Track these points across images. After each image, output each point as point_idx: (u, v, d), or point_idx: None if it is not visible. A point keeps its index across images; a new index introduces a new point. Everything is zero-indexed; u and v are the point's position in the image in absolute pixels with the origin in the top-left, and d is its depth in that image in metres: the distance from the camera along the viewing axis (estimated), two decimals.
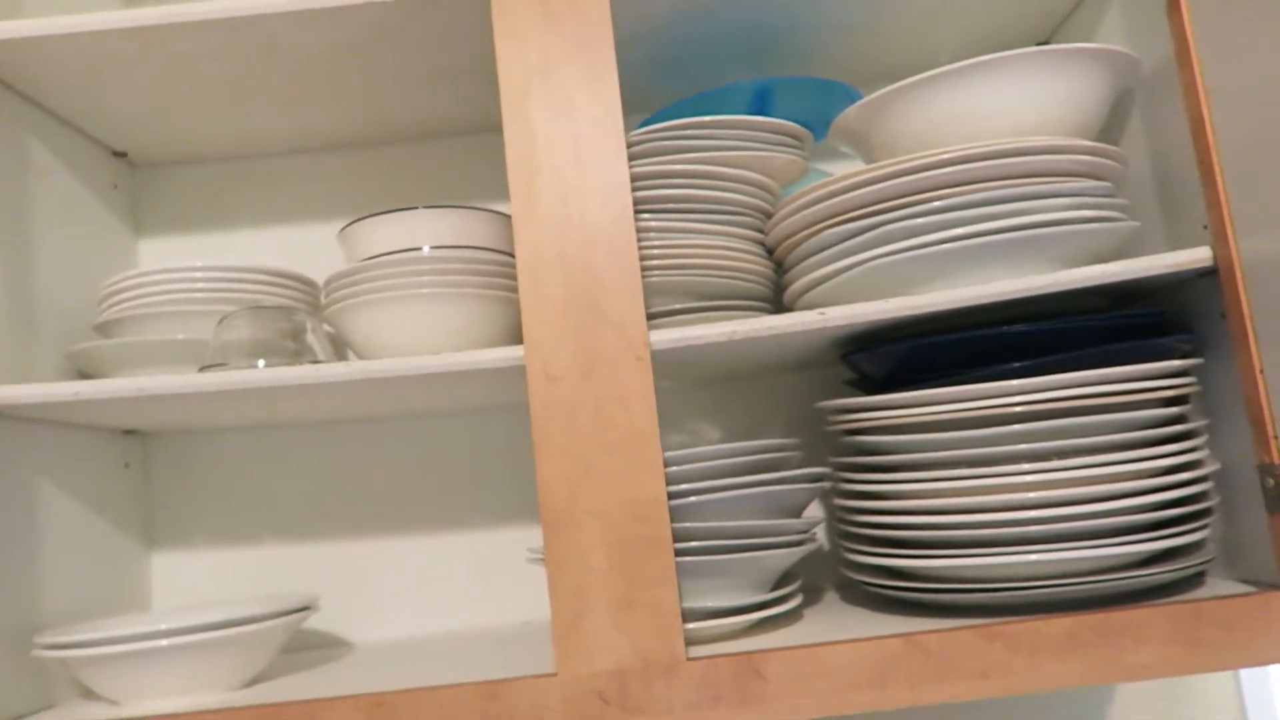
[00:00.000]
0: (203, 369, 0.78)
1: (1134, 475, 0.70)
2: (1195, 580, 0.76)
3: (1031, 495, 0.70)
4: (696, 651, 0.70)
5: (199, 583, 1.01)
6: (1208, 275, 0.74)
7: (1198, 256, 0.72)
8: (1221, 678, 1.00)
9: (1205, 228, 0.73)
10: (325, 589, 1.01)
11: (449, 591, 1.01)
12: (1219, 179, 0.71)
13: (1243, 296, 0.70)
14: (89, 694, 0.84)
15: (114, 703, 0.78)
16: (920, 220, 0.73)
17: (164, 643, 0.74)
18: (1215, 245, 0.72)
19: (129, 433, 1.00)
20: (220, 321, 0.82)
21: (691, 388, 1.03)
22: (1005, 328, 0.73)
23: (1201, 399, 0.78)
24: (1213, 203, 0.72)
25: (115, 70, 0.85)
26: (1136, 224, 0.74)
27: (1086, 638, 0.67)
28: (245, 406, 0.85)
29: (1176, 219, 0.78)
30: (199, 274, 0.88)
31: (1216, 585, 0.73)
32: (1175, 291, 0.80)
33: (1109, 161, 0.75)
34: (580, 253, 0.72)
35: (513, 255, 0.84)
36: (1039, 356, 0.72)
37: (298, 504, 1.02)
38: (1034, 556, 0.69)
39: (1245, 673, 1.00)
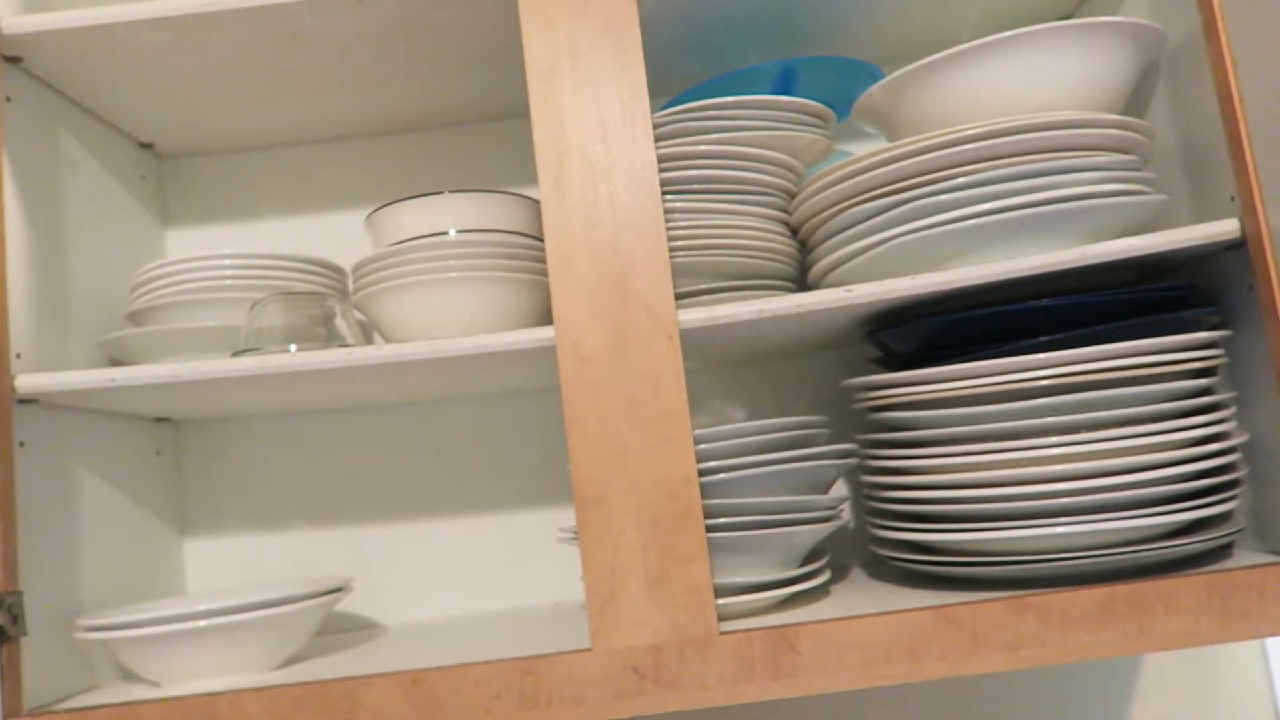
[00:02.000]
0: (235, 354, 0.79)
1: (1162, 447, 0.70)
2: (1223, 551, 0.76)
3: (1059, 468, 0.70)
4: (729, 626, 0.71)
5: (231, 568, 1.03)
6: (1235, 248, 0.74)
7: (1225, 229, 0.72)
8: (1248, 648, 1.00)
9: (1233, 200, 0.73)
10: (357, 572, 1.02)
11: (480, 573, 1.02)
12: (1247, 151, 0.71)
13: (1271, 268, 0.70)
14: (131, 676, 0.85)
15: (155, 684, 0.79)
16: (945, 197, 0.73)
17: (203, 624, 0.75)
18: (1243, 217, 0.72)
19: (160, 420, 1.01)
20: (252, 308, 0.83)
21: (717, 369, 1.03)
22: (1031, 303, 0.73)
23: (1229, 371, 0.78)
24: (1240, 175, 0.72)
25: (142, 62, 0.86)
26: (1164, 197, 0.74)
27: (1118, 608, 0.67)
28: (277, 392, 0.87)
29: (1204, 192, 0.78)
30: (228, 262, 0.89)
31: (1244, 556, 0.73)
32: (1203, 265, 0.80)
33: (1135, 135, 0.75)
34: (609, 234, 0.73)
35: (539, 239, 0.85)
36: (1066, 331, 0.72)
37: (328, 489, 1.04)
38: (1063, 529, 0.70)
39: (1271, 641, 1.01)
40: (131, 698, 0.75)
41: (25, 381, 0.76)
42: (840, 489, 1.01)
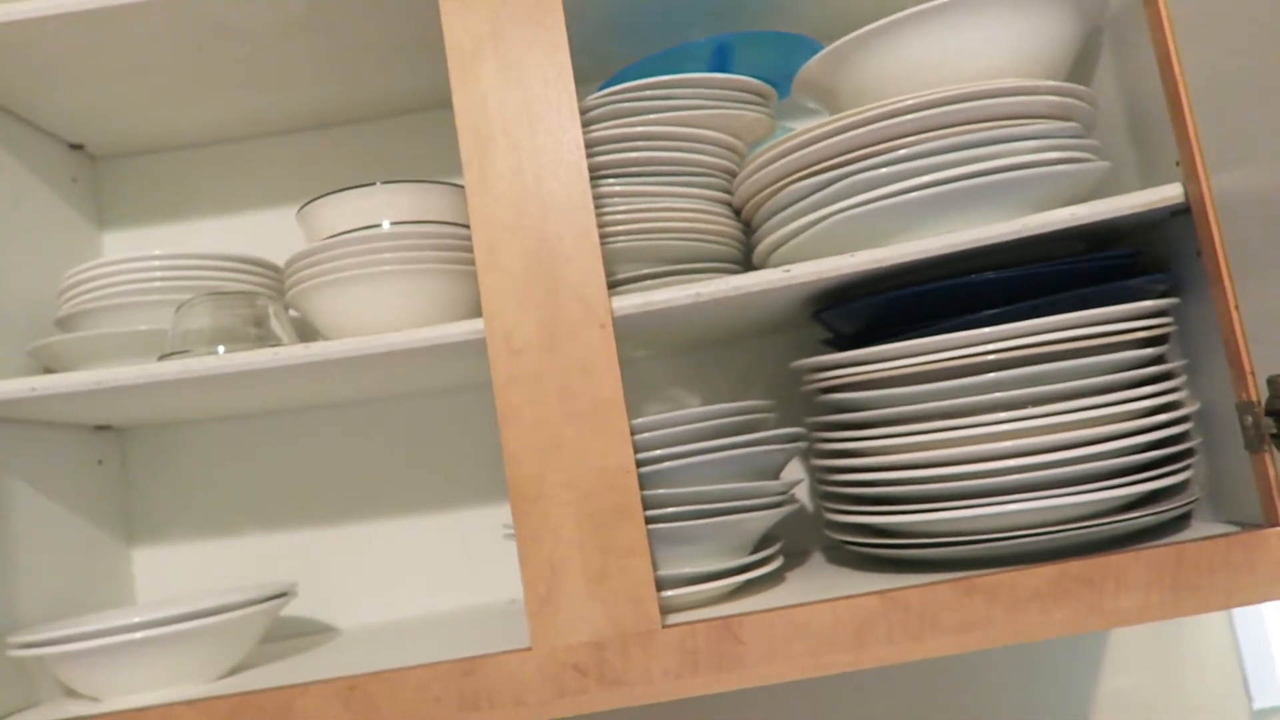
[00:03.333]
0: (162, 358, 0.77)
1: (1113, 419, 0.69)
2: (1181, 523, 0.74)
3: (1008, 444, 0.68)
4: (675, 619, 0.69)
5: (182, 576, 1.00)
6: (1182, 214, 0.72)
7: (1168, 194, 0.70)
8: (1216, 622, 0.99)
9: (1177, 164, 0.71)
10: (308, 576, 1.00)
11: (432, 572, 1.00)
12: (1188, 115, 0.70)
13: (1215, 233, 0.68)
14: (73, 693, 0.83)
15: (95, 699, 0.77)
16: (884, 170, 0.71)
17: (138, 635, 0.73)
18: (1187, 182, 0.70)
19: (101, 429, 0.99)
20: (179, 309, 0.80)
21: (669, 356, 1.02)
22: (974, 276, 0.72)
23: (1180, 339, 0.76)
24: (1182, 139, 0.70)
25: (62, 60, 0.83)
26: (1107, 164, 0.73)
27: (1068, 586, 0.66)
28: (211, 394, 0.84)
29: (1150, 159, 0.76)
30: (157, 262, 0.86)
31: (1202, 527, 0.72)
32: (1151, 232, 0.78)
33: (1077, 102, 0.73)
34: (537, 221, 0.70)
35: None
36: (1013, 304, 0.71)
37: (276, 493, 1.01)
38: (1014, 506, 0.68)
39: (1239, 615, 1.00)
40: (66, 714, 0.73)
41: None
42: (797, 473, 1.00)
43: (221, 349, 0.77)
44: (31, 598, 0.83)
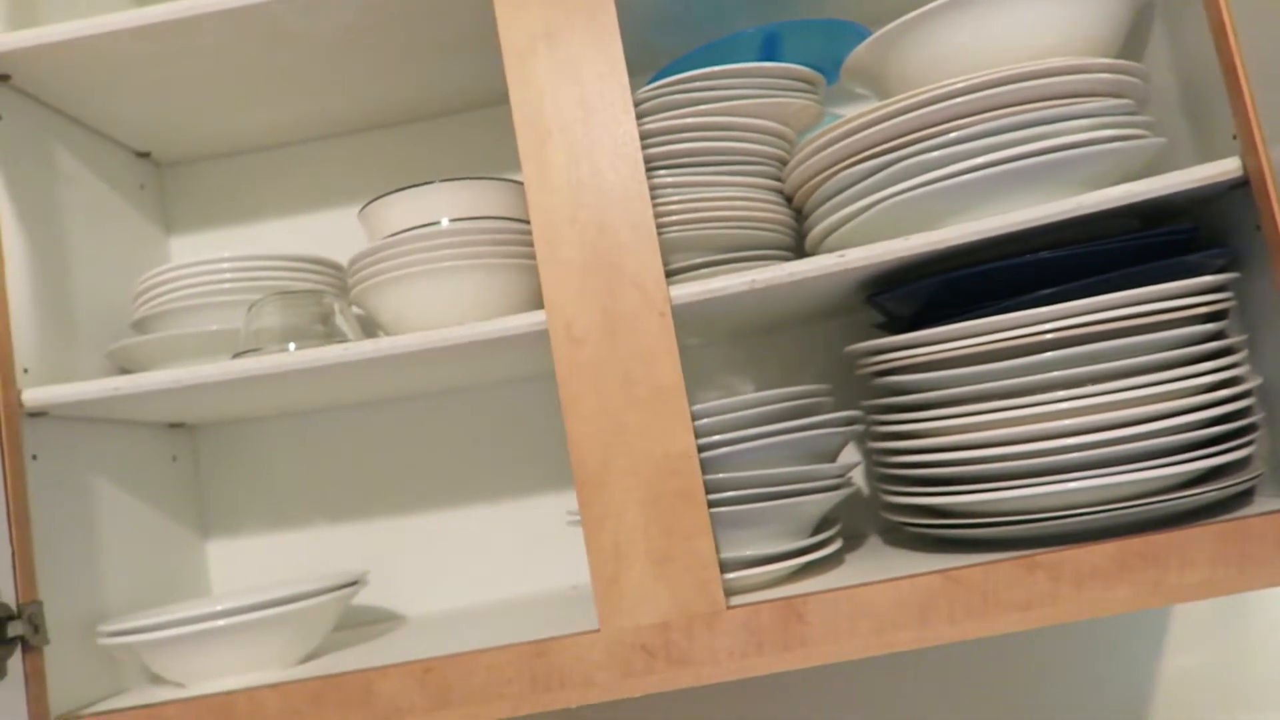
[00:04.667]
0: (236, 356, 0.80)
1: (1174, 395, 0.69)
2: (1244, 499, 0.74)
3: (1068, 423, 0.68)
4: (740, 600, 0.71)
5: (254, 567, 1.04)
6: (1239, 187, 0.72)
7: (1226, 168, 0.70)
8: (1279, 599, 0.98)
9: (1234, 138, 0.71)
10: (376, 566, 1.03)
11: (497, 561, 1.02)
12: (1244, 86, 0.69)
13: (1275, 206, 0.68)
14: (158, 679, 0.87)
15: (180, 685, 0.81)
16: (937, 154, 0.71)
17: (221, 623, 0.76)
18: (1245, 155, 0.70)
19: (175, 426, 1.02)
20: (250, 309, 0.83)
21: (723, 343, 1.03)
22: (1030, 256, 0.72)
23: (1240, 314, 0.76)
24: (1239, 112, 0.70)
25: (128, 71, 0.87)
26: (1162, 140, 0.72)
27: (1131, 563, 0.66)
28: (281, 391, 0.87)
29: (1206, 133, 0.75)
30: (226, 265, 0.89)
31: (1265, 503, 0.71)
32: (1208, 207, 0.78)
33: (1130, 78, 0.73)
34: (594, 213, 0.72)
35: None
36: (1069, 283, 0.71)
37: (342, 486, 1.04)
38: (1074, 485, 0.68)
39: None
40: (154, 699, 0.76)
41: (32, 395, 0.78)
42: (853, 457, 1.00)
43: (292, 346, 0.79)
44: (116, 589, 0.87)
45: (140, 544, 0.92)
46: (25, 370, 0.79)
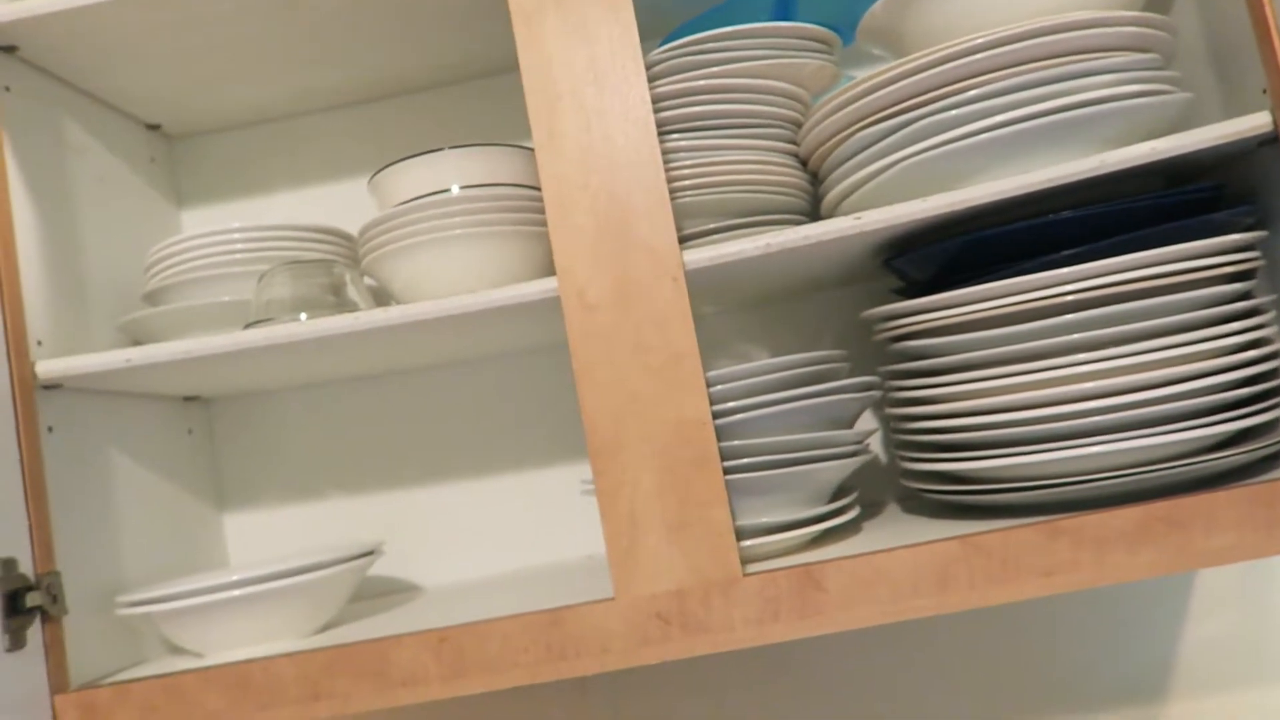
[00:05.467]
0: (248, 326, 0.79)
1: (1200, 356, 0.67)
2: (1271, 462, 0.73)
3: (1091, 385, 0.67)
4: (757, 568, 0.70)
5: (271, 539, 1.04)
6: (1269, 143, 0.70)
7: (1256, 123, 0.68)
8: None
9: (1265, 92, 0.69)
10: (392, 536, 1.03)
11: (512, 531, 1.02)
12: (1276, 39, 0.67)
13: None
14: (177, 649, 0.87)
15: (198, 655, 0.81)
16: (956, 112, 0.70)
17: (237, 593, 0.76)
18: (1276, 110, 0.68)
19: (190, 399, 1.02)
20: (261, 279, 0.82)
21: (737, 311, 1.02)
22: (1051, 216, 0.70)
23: (1269, 274, 0.74)
24: (1270, 65, 0.68)
25: (136, 41, 0.86)
26: (1189, 95, 0.70)
27: (1155, 528, 0.65)
28: (293, 361, 0.87)
29: (1235, 88, 0.73)
30: (237, 235, 0.88)
31: None
32: (1236, 164, 0.76)
33: (1156, 32, 0.71)
34: (606, 178, 0.71)
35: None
36: (1091, 243, 0.69)
37: (358, 457, 1.04)
38: (1098, 449, 0.67)
39: None
40: (172, 668, 0.76)
41: (46, 367, 0.77)
42: (870, 423, 0.99)
43: (304, 316, 0.79)
44: (134, 561, 0.87)
45: (157, 516, 0.92)
46: (39, 343, 0.79)
